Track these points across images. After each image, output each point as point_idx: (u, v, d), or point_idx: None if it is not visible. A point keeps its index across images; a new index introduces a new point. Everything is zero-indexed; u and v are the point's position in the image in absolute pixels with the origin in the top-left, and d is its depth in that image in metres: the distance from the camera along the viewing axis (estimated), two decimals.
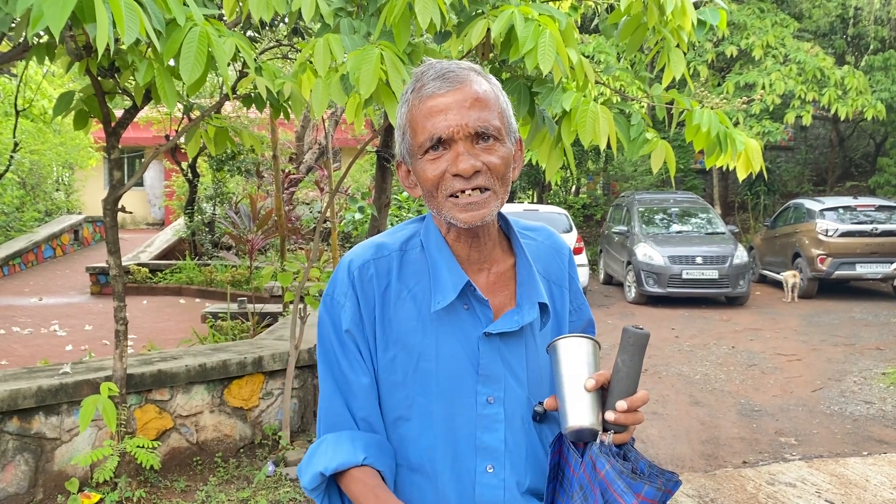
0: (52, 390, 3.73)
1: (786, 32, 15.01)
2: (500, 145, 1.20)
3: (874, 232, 11.85)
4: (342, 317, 1.25)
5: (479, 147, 1.18)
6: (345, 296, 1.25)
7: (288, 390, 4.58)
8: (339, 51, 2.83)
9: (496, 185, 1.19)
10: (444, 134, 1.17)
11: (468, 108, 1.18)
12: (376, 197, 5.23)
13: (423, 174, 1.21)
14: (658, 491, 1.10)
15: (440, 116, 1.17)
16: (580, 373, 1.13)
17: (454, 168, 1.16)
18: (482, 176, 1.18)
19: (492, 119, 1.19)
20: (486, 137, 1.18)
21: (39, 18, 2.27)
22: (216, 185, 13.65)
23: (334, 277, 1.28)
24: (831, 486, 4.34)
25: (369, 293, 1.24)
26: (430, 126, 1.18)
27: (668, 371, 7.35)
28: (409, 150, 1.24)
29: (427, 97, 1.20)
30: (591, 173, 20.77)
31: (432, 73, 1.21)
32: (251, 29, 7.80)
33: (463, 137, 1.17)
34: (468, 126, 1.17)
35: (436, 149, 1.19)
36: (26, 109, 9.97)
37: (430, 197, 1.21)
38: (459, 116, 1.17)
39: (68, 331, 8.65)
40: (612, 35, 3.62)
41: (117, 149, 3.80)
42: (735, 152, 3.39)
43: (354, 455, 1.18)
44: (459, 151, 1.17)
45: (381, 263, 1.26)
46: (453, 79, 1.20)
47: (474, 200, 1.17)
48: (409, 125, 1.22)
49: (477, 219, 1.18)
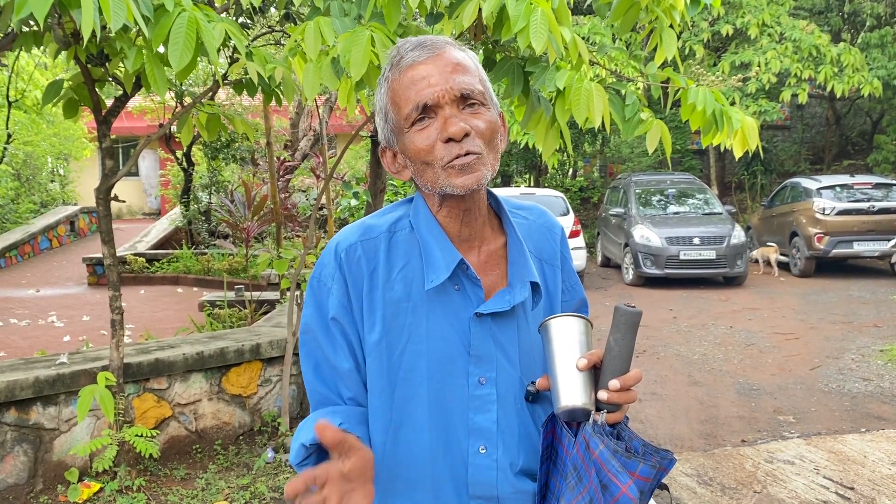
0: (49, 381, 3.72)
1: (781, 10, 14.93)
2: (486, 110, 1.19)
3: (871, 210, 11.85)
4: (329, 301, 1.24)
5: (465, 112, 1.17)
6: (332, 278, 1.24)
7: (286, 377, 4.58)
8: (330, 34, 2.80)
9: (485, 149, 1.18)
10: (429, 100, 1.15)
11: (450, 72, 1.16)
12: (371, 183, 5.21)
13: (412, 146, 1.19)
14: (652, 469, 1.09)
15: (423, 83, 1.16)
16: (572, 352, 1.12)
17: (444, 133, 1.15)
18: (472, 139, 1.16)
19: (475, 83, 1.18)
20: (472, 102, 1.17)
21: (23, 5, 2.25)
22: (212, 173, 13.60)
23: (321, 260, 1.26)
24: (830, 462, 4.36)
25: (357, 275, 1.22)
26: (414, 94, 1.16)
27: (666, 351, 7.37)
28: (395, 128, 1.21)
29: (407, 67, 1.18)
30: (587, 156, 20.72)
31: (409, 45, 1.19)
32: (243, 15, 7.74)
33: (449, 101, 1.15)
34: (453, 89, 1.15)
35: (423, 118, 1.17)
36: (18, 100, 9.91)
37: (423, 170, 1.19)
38: (443, 80, 1.15)
39: (66, 322, 8.65)
40: (605, 14, 3.58)
41: (108, 137, 3.77)
42: (731, 130, 3.36)
43: (332, 422, 1.17)
44: (447, 115, 1.15)
45: (369, 245, 1.24)
46: (431, 46, 1.18)
47: (468, 162, 1.15)
48: (392, 101, 1.20)
49: (473, 182, 1.16)
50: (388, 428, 1.22)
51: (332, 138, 17.47)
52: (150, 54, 2.91)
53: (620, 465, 1.08)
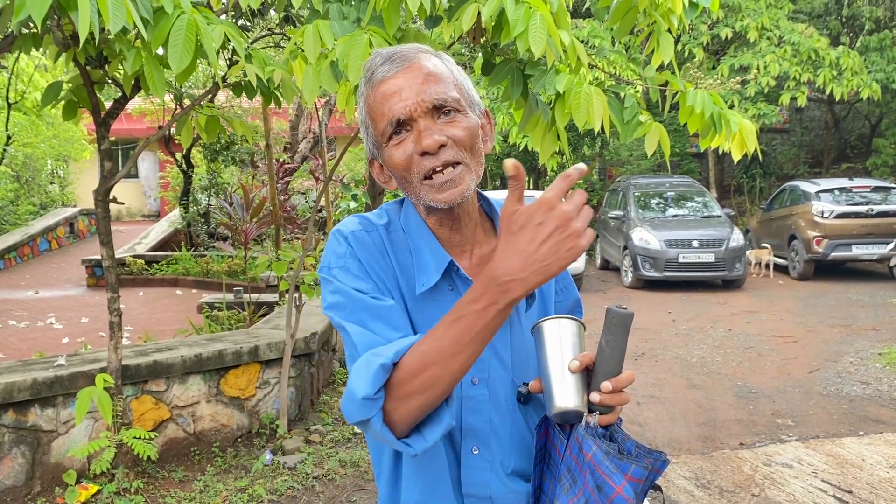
0: (47, 382, 3.72)
1: (780, 14, 14.97)
2: (463, 116, 1.17)
3: (870, 213, 11.86)
4: (348, 274, 1.19)
5: (440, 122, 1.16)
6: (346, 256, 1.20)
7: (284, 379, 4.58)
8: (329, 37, 2.80)
9: (466, 157, 1.17)
10: (401, 115, 1.15)
11: (421, 83, 1.15)
12: (370, 185, 5.22)
13: (391, 161, 1.18)
14: (645, 470, 1.09)
15: (395, 98, 1.15)
16: (564, 354, 1.13)
17: (419, 146, 1.14)
18: (450, 150, 1.15)
19: (448, 91, 1.17)
20: (447, 111, 1.16)
21: (22, 7, 2.25)
22: (211, 175, 13.61)
23: (328, 250, 1.23)
24: (828, 466, 4.36)
25: (367, 256, 1.20)
26: (387, 110, 1.16)
27: (665, 354, 7.37)
28: (375, 142, 1.21)
29: (378, 82, 1.18)
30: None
31: (379, 59, 1.19)
32: (243, 18, 7.75)
33: (422, 114, 1.15)
34: (424, 101, 1.14)
35: (398, 133, 1.16)
36: (18, 102, 9.91)
37: (405, 183, 1.19)
38: (414, 93, 1.15)
39: (65, 323, 8.64)
40: (604, 18, 3.59)
41: (107, 139, 3.77)
42: (729, 133, 3.38)
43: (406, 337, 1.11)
44: (421, 129, 1.14)
45: (374, 235, 1.24)
46: (401, 59, 1.18)
47: (449, 178, 1.15)
48: (369, 116, 1.20)
49: (456, 196, 1.15)
50: None
51: (332, 140, 17.47)
52: (149, 56, 2.92)
53: (614, 467, 1.08)
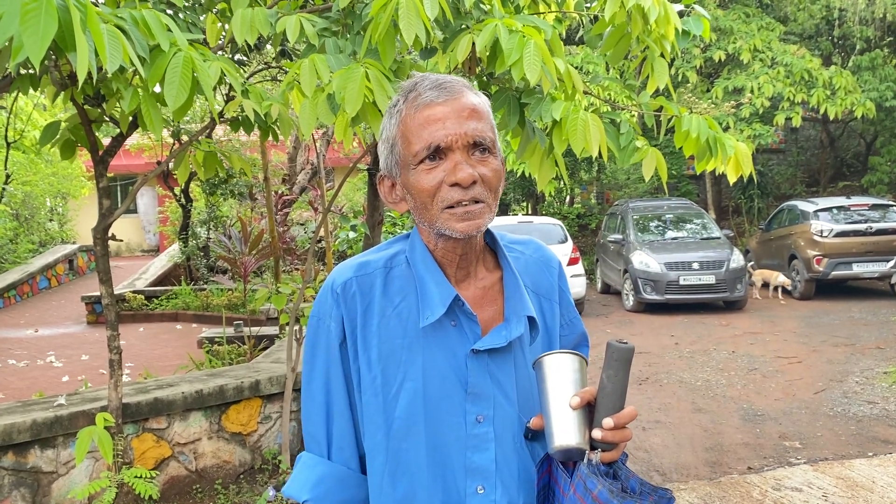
0: (47, 423, 3.68)
1: (772, 36, 15.11)
2: (494, 158, 1.20)
3: (869, 231, 11.87)
4: (329, 340, 1.25)
5: (474, 158, 1.17)
6: (329, 316, 1.24)
7: (286, 413, 4.53)
8: (325, 70, 2.82)
9: (489, 197, 1.19)
10: (442, 142, 1.16)
11: (466, 117, 1.17)
12: (369, 215, 5.20)
13: (417, 185, 1.19)
14: None
15: (437, 125, 1.16)
16: (566, 390, 1.11)
17: (452, 177, 1.15)
18: (479, 187, 1.17)
19: (487, 130, 1.19)
20: (482, 149, 1.18)
21: (20, 49, 2.26)
22: (210, 209, 13.64)
23: (319, 297, 1.27)
24: (838, 489, 4.30)
25: (352, 311, 1.23)
26: (427, 135, 1.16)
27: (669, 378, 7.32)
28: (401, 161, 1.22)
29: (424, 106, 1.18)
30: (584, 183, 20.80)
31: (427, 83, 1.20)
32: (239, 52, 7.81)
33: (461, 147, 1.16)
34: (467, 135, 1.16)
35: (433, 158, 1.17)
36: (17, 141, 9.97)
37: (423, 209, 1.20)
38: (458, 125, 1.16)
39: (64, 361, 8.59)
40: (596, 45, 3.62)
41: (105, 177, 3.78)
42: (725, 156, 3.39)
43: (300, 491, 1.24)
44: (457, 160, 1.16)
45: (364, 281, 1.24)
46: (450, 89, 1.19)
47: (471, 210, 1.16)
48: (402, 135, 1.20)
49: (473, 228, 1.17)
50: (385, 466, 1.20)
51: (330, 171, 17.55)
52: (146, 94, 2.93)
53: None
